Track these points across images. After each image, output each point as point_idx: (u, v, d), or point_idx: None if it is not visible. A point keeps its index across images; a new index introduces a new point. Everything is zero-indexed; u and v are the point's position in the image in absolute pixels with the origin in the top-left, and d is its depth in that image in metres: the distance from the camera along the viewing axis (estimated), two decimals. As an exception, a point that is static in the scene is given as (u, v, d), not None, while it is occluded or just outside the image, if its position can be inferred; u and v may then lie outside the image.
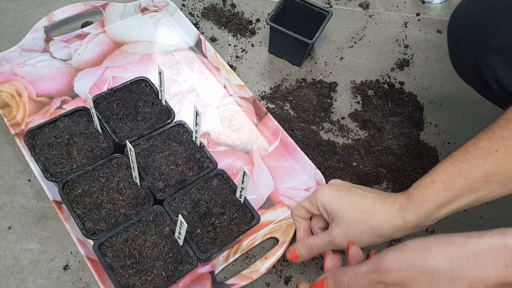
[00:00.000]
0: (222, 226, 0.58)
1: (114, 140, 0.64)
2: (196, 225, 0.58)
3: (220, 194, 0.61)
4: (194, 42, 0.82)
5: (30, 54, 0.76)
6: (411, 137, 0.77)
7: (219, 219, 0.59)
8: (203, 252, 0.56)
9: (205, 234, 0.58)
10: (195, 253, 0.56)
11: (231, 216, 0.59)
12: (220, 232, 0.58)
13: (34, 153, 0.62)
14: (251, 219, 0.59)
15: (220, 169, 0.63)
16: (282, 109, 0.78)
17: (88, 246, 0.58)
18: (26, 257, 0.61)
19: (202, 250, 0.56)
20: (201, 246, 0.56)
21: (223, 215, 0.59)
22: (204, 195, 0.61)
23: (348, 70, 0.86)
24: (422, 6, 0.97)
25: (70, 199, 0.59)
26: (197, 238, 0.57)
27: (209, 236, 0.58)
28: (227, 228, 0.58)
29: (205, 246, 0.57)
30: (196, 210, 0.59)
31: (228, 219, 0.59)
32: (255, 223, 0.58)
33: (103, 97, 0.69)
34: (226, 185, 0.62)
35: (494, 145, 0.42)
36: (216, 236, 0.58)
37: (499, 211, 0.71)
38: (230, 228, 0.58)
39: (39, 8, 0.86)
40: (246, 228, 0.58)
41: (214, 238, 0.57)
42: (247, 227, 0.58)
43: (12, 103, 0.71)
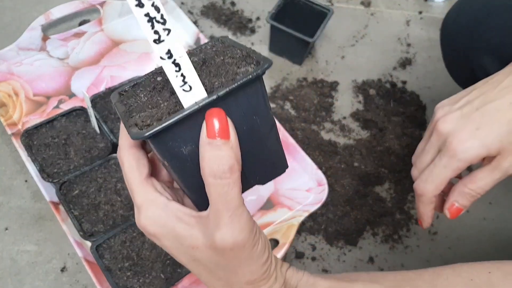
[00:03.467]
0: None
1: (112, 140, 0.63)
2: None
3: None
4: (193, 40, 0.81)
5: (27, 53, 0.75)
6: (413, 137, 0.76)
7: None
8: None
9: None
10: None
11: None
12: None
13: (31, 153, 0.61)
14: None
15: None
16: (283, 109, 0.78)
17: (85, 248, 0.57)
18: (23, 259, 0.60)
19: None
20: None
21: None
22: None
23: (350, 69, 0.85)
24: (424, 4, 0.96)
25: (68, 200, 0.58)
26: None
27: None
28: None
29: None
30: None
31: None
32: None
33: (101, 96, 0.68)
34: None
35: None
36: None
37: (502, 211, 0.71)
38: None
39: (36, 7, 0.85)
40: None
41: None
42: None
43: (8, 103, 0.70)
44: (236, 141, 0.28)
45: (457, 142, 0.40)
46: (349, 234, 0.66)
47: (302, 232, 0.66)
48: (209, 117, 0.27)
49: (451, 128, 0.41)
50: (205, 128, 0.27)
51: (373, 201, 0.69)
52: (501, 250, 0.67)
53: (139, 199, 0.30)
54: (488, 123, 0.40)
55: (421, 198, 0.45)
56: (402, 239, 0.67)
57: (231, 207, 0.28)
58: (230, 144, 0.27)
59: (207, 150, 0.27)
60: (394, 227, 0.68)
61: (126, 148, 0.30)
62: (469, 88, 0.44)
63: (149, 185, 0.30)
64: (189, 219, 0.30)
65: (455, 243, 0.68)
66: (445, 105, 0.44)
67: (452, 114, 0.42)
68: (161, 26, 0.24)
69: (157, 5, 0.23)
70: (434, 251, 0.67)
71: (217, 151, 0.27)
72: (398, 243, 0.67)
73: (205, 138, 0.27)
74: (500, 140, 0.40)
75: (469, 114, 0.41)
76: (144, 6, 0.22)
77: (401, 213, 0.69)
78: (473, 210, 0.70)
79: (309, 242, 0.66)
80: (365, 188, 0.71)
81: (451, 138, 0.41)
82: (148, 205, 0.30)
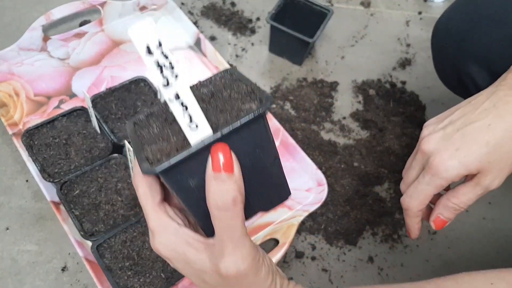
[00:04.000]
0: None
1: (113, 140, 0.63)
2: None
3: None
4: (193, 41, 0.81)
5: (27, 53, 0.75)
6: (413, 137, 0.77)
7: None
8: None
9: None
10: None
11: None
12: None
13: (31, 153, 0.61)
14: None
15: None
16: (283, 109, 0.78)
17: (86, 247, 0.58)
18: (24, 259, 0.60)
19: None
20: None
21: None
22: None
23: (349, 69, 0.85)
24: (424, 4, 0.97)
25: (68, 199, 0.58)
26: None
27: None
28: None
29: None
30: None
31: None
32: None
33: (102, 96, 0.68)
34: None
35: None
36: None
37: (502, 211, 0.71)
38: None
39: (36, 7, 0.85)
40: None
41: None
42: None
43: (9, 103, 0.70)
44: (240, 174, 0.30)
45: (438, 161, 0.43)
46: (349, 234, 0.67)
47: (302, 231, 0.67)
48: (214, 152, 0.28)
49: (433, 148, 0.44)
50: (211, 162, 0.29)
51: (373, 201, 0.70)
52: (500, 250, 0.68)
53: (152, 224, 0.32)
54: (467, 144, 0.42)
55: (407, 212, 0.47)
56: (402, 238, 0.67)
57: (234, 238, 0.30)
58: (234, 178, 0.29)
59: (212, 184, 0.29)
60: (394, 227, 0.68)
61: (140, 175, 0.33)
62: (453, 108, 0.46)
63: (162, 211, 0.32)
64: (198, 244, 0.32)
65: (455, 242, 0.68)
66: (430, 124, 0.47)
67: (435, 134, 0.44)
68: (169, 71, 0.25)
69: (166, 53, 0.25)
70: (433, 251, 0.67)
71: (222, 185, 0.29)
72: (398, 243, 0.67)
73: (210, 172, 0.29)
74: (479, 160, 0.42)
75: (451, 134, 0.43)
76: (154, 55, 0.24)
77: (400, 213, 0.69)
78: (473, 210, 0.71)
79: (309, 241, 0.66)
80: (365, 188, 0.71)
81: (433, 157, 0.43)
82: (161, 231, 0.32)
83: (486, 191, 0.44)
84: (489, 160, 0.42)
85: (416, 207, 0.46)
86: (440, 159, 0.43)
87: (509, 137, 0.41)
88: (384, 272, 0.64)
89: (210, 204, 0.29)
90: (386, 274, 0.64)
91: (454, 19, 0.58)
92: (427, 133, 0.46)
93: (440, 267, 0.65)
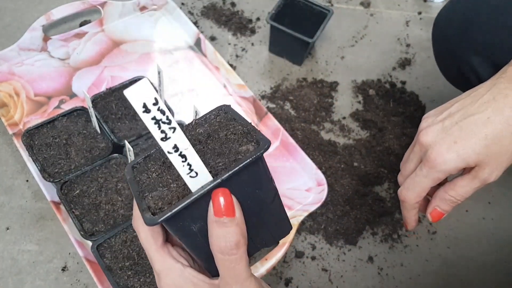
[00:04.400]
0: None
1: (113, 140, 0.63)
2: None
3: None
4: (193, 41, 0.81)
5: (28, 53, 0.75)
6: (412, 137, 0.76)
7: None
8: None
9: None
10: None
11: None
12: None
13: (32, 153, 0.61)
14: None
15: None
16: (283, 109, 0.78)
17: (86, 247, 0.58)
18: (24, 258, 0.60)
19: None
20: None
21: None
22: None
23: (349, 69, 0.85)
24: (423, 4, 0.97)
25: (68, 199, 0.58)
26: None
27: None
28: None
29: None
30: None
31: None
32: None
33: (102, 96, 0.68)
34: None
35: None
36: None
37: (502, 211, 0.71)
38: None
39: (37, 7, 0.85)
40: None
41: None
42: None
43: (10, 103, 0.70)
44: (241, 217, 0.30)
45: (436, 154, 0.42)
46: (349, 234, 0.67)
47: (302, 231, 0.67)
48: (215, 197, 0.29)
49: (431, 140, 0.43)
50: (212, 207, 0.29)
51: (373, 200, 0.70)
52: (500, 249, 0.68)
53: (157, 266, 0.33)
54: (465, 137, 0.42)
55: (404, 204, 0.47)
56: (402, 238, 0.67)
57: (239, 280, 0.30)
58: (235, 221, 0.29)
59: (215, 228, 0.29)
60: (394, 227, 0.68)
61: (140, 219, 0.33)
62: (453, 100, 0.46)
63: (165, 252, 0.33)
64: (203, 285, 0.32)
65: (455, 242, 0.68)
66: (429, 117, 0.46)
67: (433, 127, 0.44)
68: (167, 126, 0.26)
69: (162, 108, 0.25)
70: (433, 250, 0.67)
71: (224, 229, 0.29)
72: (398, 243, 0.67)
73: (212, 216, 0.29)
74: (477, 153, 0.41)
75: (449, 127, 0.43)
76: (150, 112, 0.25)
77: (400, 213, 0.69)
78: (473, 210, 0.71)
79: (309, 241, 0.66)
80: (365, 188, 0.71)
81: (431, 150, 0.43)
82: (166, 273, 0.32)
83: (484, 184, 0.43)
84: (487, 153, 0.41)
85: (413, 199, 0.46)
86: (438, 151, 0.42)
87: (508, 130, 0.41)
88: (384, 272, 0.64)
89: (213, 248, 0.30)
90: (386, 274, 0.64)
91: (456, 10, 0.57)
92: (425, 125, 0.45)
93: (440, 267, 0.66)
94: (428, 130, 0.44)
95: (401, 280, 0.64)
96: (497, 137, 0.41)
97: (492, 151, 0.41)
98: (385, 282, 0.64)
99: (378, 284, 0.63)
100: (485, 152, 0.41)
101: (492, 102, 0.42)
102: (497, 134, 0.41)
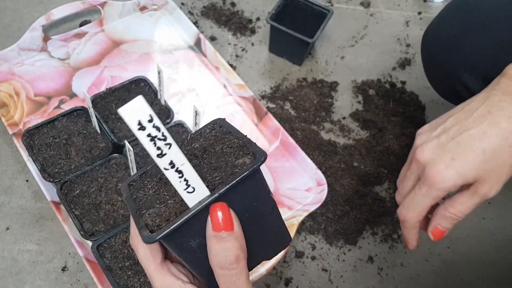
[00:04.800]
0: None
1: (113, 140, 0.63)
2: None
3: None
4: (193, 41, 0.81)
5: (28, 53, 0.75)
6: (412, 137, 0.76)
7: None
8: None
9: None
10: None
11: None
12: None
13: (32, 153, 0.61)
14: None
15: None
16: (283, 109, 0.78)
17: (86, 247, 0.58)
18: (24, 258, 0.60)
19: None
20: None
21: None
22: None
23: (349, 69, 0.85)
24: (423, 4, 0.97)
25: (68, 199, 0.58)
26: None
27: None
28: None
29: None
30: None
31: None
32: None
33: (102, 96, 0.68)
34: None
35: None
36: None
37: (502, 211, 0.71)
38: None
39: (37, 7, 0.85)
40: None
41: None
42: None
43: (10, 103, 0.70)
44: (240, 231, 0.30)
45: (434, 172, 0.42)
46: (349, 234, 0.67)
47: (302, 231, 0.67)
48: (213, 212, 0.29)
49: (428, 158, 0.43)
50: (211, 222, 0.29)
51: (373, 200, 0.70)
52: (500, 249, 0.68)
53: (157, 284, 0.32)
54: (463, 153, 0.41)
55: (404, 224, 0.46)
56: (402, 238, 0.67)
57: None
58: (234, 235, 0.29)
59: (214, 243, 0.29)
60: (394, 227, 0.68)
61: (138, 237, 0.33)
62: (446, 115, 0.45)
63: (165, 270, 0.32)
64: None
65: (454, 242, 0.68)
66: (424, 132, 0.45)
67: (429, 143, 0.43)
68: (162, 142, 0.26)
69: (157, 125, 0.25)
70: (433, 250, 0.67)
71: (223, 244, 0.29)
72: (398, 243, 0.67)
73: (211, 232, 0.29)
74: (476, 169, 0.41)
75: (446, 143, 0.42)
76: (146, 129, 0.25)
77: (400, 213, 0.69)
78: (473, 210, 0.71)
79: (309, 241, 0.66)
80: (365, 188, 0.71)
81: (428, 168, 0.42)
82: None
83: (484, 199, 0.43)
84: (486, 168, 0.41)
85: (414, 218, 0.45)
86: (436, 169, 0.42)
87: (506, 144, 0.40)
88: (384, 272, 0.65)
89: (213, 264, 0.30)
90: (386, 274, 0.64)
91: (444, 27, 0.57)
92: (420, 142, 0.45)
93: (440, 267, 0.66)
94: (424, 147, 0.43)
95: (401, 280, 0.64)
96: (495, 151, 0.41)
97: (490, 166, 0.41)
98: (385, 282, 0.64)
99: (378, 284, 0.63)
100: (484, 167, 0.41)
101: (488, 116, 0.41)
102: (494, 148, 0.40)
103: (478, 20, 0.53)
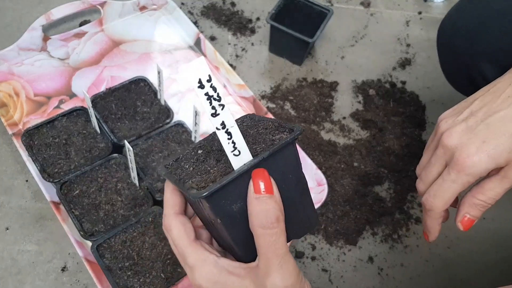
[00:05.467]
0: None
1: (113, 140, 0.63)
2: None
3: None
4: (193, 41, 0.81)
5: (27, 53, 0.75)
6: (412, 137, 0.77)
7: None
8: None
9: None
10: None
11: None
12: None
13: (31, 153, 0.61)
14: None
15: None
16: (283, 109, 0.78)
17: (86, 247, 0.58)
18: (24, 258, 0.60)
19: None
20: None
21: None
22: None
23: (349, 69, 0.85)
24: (424, 4, 0.97)
25: (68, 199, 0.58)
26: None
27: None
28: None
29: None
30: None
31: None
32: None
33: (101, 96, 0.68)
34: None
35: None
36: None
37: (502, 211, 0.71)
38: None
39: (37, 7, 0.85)
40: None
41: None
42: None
43: (9, 103, 0.70)
44: (279, 195, 0.32)
45: (465, 156, 0.40)
46: (349, 234, 0.67)
47: (302, 231, 0.67)
48: (255, 176, 0.31)
49: (457, 142, 0.41)
50: (252, 185, 0.31)
51: (373, 201, 0.70)
52: (500, 250, 0.68)
53: (191, 260, 0.33)
54: (494, 136, 0.39)
55: (429, 213, 0.44)
56: (402, 238, 0.67)
57: (279, 254, 0.31)
58: (274, 198, 0.31)
59: (255, 205, 0.31)
60: (394, 227, 0.68)
61: (172, 216, 0.34)
62: (470, 98, 0.44)
63: (199, 245, 0.34)
64: (239, 271, 0.33)
65: (455, 242, 0.68)
66: (448, 117, 0.43)
67: (457, 127, 0.41)
68: (217, 102, 0.29)
69: (214, 86, 0.28)
70: (433, 250, 0.67)
71: (264, 205, 0.31)
72: (398, 243, 0.67)
73: (252, 194, 0.31)
74: (508, 152, 0.39)
75: (474, 126, 0.40)
76: (204, 87, 0.28)
77: (400, 213, 0.69)
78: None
79: (309, 241, 0.66)
80: (365, 188, 0.71)
81: (458, 152, 0.40)
82: (201, 264, 0.33)
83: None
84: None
85: (441, 207, 0.43)
86: (466, 153, 0.39)
87: None
88: (384, 272, 0.64)
89: (254, 224, 0.31)
90: (386, 274, 0.64)
91: (462, 18, 0.56)
92: (446, 126, 0.42)
93: (440, 267, 0.66)
94: (452, 131, 0.41)
95: (401, 280, 0.64)
96: None
97: None
98: (385, 282, 0.64)
99: (378, 285, 0.63)
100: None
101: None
102: None
103: (498, 9, 0.52)
